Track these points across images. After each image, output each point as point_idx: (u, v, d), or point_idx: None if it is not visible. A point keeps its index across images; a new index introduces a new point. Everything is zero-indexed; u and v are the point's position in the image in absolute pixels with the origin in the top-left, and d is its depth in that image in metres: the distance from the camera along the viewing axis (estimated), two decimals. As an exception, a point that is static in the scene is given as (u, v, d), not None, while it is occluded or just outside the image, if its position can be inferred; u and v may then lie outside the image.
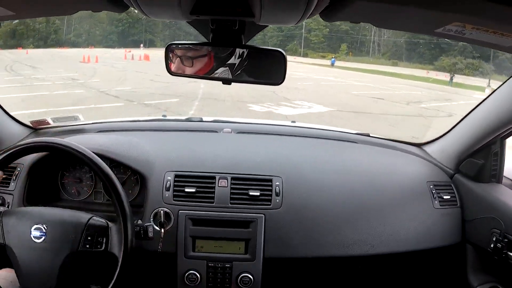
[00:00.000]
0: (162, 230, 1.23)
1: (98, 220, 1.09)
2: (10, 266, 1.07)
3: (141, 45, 33.41)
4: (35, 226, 1.02)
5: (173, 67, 0.95)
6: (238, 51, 0.89)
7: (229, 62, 0.90)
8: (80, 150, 1.05)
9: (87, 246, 1.05)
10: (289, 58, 0.95)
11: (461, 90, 16.41)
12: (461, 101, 12.48)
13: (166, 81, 11.23)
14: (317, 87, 13.93)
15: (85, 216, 1.09)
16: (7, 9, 0.72)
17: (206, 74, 0.93)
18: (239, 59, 0.90)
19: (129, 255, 1.04)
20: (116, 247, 1.06)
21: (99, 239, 1.06)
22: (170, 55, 0.94)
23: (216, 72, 0.92)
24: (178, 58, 0.95)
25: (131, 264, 1.06)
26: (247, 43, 0.92)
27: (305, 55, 34.10)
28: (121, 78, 13.18)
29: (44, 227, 1.02)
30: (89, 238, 1.05)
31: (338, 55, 32.96)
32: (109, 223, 1.09)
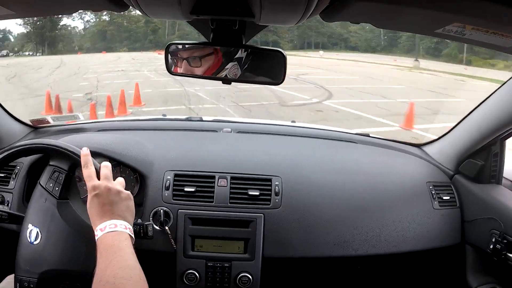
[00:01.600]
0: (167, 228, 1.24)
1: None
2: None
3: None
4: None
5: (173, 67, 0.95)
6: (238, 51, 0.89)
7: (229, 62, 0.91)
8: (72, 150, 1.05)
9: None
10: (447, 69, 0.79)
11: None
12: None
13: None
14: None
15: None
16: (7, 8, 0.73)
17: (206, 74, 0.93)
18: (239, 59, 0.90)
19: None
20: None
21: None
22: (170, 55, 0.95)
23: (216, 72, 0.92)
24: (178, 58, 0.95)
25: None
26: (247, 43, 0.92)
27: (468, 62, 23.25)
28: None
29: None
30: None
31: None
32: None
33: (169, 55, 0.95)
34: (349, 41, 38.59)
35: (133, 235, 0.87)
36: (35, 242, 0.98)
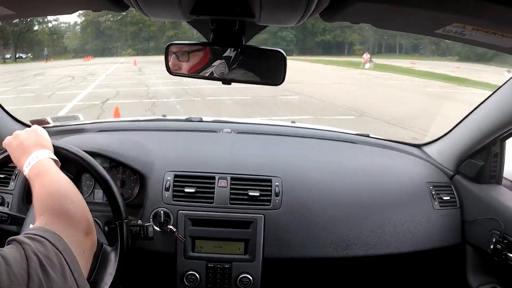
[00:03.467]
0: (171, 226, 1.24)
1: None
2: None
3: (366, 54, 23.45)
4: None
5: (173, 67, 0.95)
6: (238, 51, 0.89)
7: (228, 62, 0.91)
8: (73, 150, 1.05)
9: None
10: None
11: None
12: None
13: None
14: None
15: None
16: (7, 8, 0.73)
17: (206, 74, 0.93)
18: (239, 59, 0.90)
19: (126, 255, 1.04)
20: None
21: None
22: (170, 55, 0.95)
23: (215, 71, 0.92)
24: (178, 58, 0.95)
25: (128, 265, 1.05)
26: (247, 43, 0.92)
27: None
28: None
29: None
30: None
31: None
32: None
33: (172, 55, 0.94)
34: (440, 45, 26.86)
35: (55, 157, 0.91)
36: None
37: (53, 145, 1.00)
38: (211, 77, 0.93)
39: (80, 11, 0.83)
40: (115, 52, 31.37)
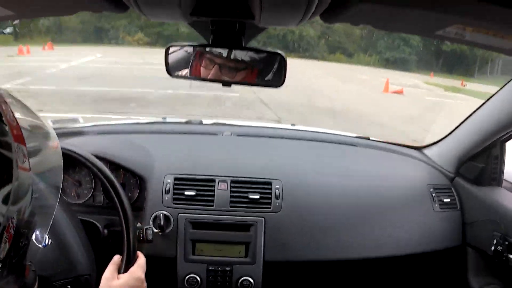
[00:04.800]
0: (170, 226, 1.25)
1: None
2: None
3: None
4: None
5: (172, 69, 0.95)
6: (238, 53, 0.89)
7: (228, 64, 0.90)
8: (82, 154, 1.05)
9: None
10: None
11: None
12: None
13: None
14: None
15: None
16: (6, 9, 0.72)
17: (206, 76, 0.93)
18: (239, 61, 0.90)
19: (132, 259, 1.03)
20: None
21: None
22: (169, 56, 0.94)
23: (215, 74, 0.92)
24: (177, 60, 0.95)
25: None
26: (247, 45, 0.92)
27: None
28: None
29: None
30: None
31: None
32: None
33: (171, 57, 0.94)
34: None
35: None
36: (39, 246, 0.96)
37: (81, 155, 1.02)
38: (211, 79, 0.93)
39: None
40: (113, 37, 20.85)
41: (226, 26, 0.83)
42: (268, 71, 0.93)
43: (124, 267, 1.01)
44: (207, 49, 0.91)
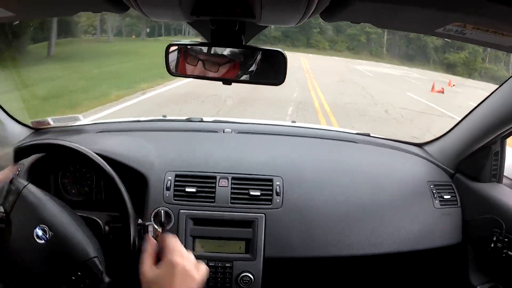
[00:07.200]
0: (160, 229, 1.23)
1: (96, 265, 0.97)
2: None
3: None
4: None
5: (173, 67, 0.95)
6: (238, 51, 0.89)
7: (229, 62, 0.90)
8: (83, 151, 1.05)
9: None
10: None
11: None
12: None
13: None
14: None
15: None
16: (7, 10, 0.73)
17: (206, 75, 0.93)
18: (240, 59, 0.90)
19: (133, 255, 1.04)
20: None
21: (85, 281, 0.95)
22: (170, 55, 0.94)
23: (216, 72, 0.92)
24: (178, 58, 0.95)
25: (134, 265, 1.05)
26: (248, 44, 0.92)
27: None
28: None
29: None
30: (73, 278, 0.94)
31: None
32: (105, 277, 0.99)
33: (172, 56, 0.94)
34: None
35: None
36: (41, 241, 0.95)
37: (60, 145, 1.00)
38: (211, 78, 0.93)
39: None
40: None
41: (226, 25, 0.83)
42: (268, 69, 0.93)
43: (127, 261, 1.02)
44: (208, 47, 0.91)
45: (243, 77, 0.92)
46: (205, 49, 0.92)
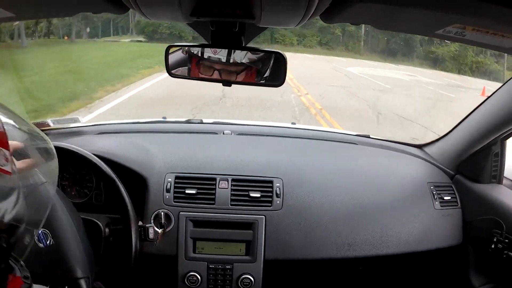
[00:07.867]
0: (160, 231, 1.23)
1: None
2: None
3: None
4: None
5: (173, 69, 0.95)
6: (238, 53, 0.89)
7: (229, 64, 0.90)
8: (83, 153, 1.05)
9: None
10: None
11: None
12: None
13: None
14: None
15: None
16: (7, 11, 0.73)
17: (206, 76, 0.93)
18: (239, 61, 0.90)
19: (134, 257, 1.04)
20: None
21: None
22: (170, 56, 0.94)
23: (216, 73, 0.92)
24: (178, 60, 0.95)
25: (135, 267, 1.05)
26: (247, 45, 0.92)
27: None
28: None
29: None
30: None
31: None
32: None
33: (172, 57, 0.94)
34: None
35: None
36: (40, 245, 0.95)
37: (60, 147, 0.99)
38: (211, 79, 0.93)
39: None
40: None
41: (226, 26, 0.83)
42: (268, 71, 0.93)
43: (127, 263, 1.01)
44: (207, 49, 0.91)
45: (243, 79, 0.92)
46: (205, 50, 0.91)
